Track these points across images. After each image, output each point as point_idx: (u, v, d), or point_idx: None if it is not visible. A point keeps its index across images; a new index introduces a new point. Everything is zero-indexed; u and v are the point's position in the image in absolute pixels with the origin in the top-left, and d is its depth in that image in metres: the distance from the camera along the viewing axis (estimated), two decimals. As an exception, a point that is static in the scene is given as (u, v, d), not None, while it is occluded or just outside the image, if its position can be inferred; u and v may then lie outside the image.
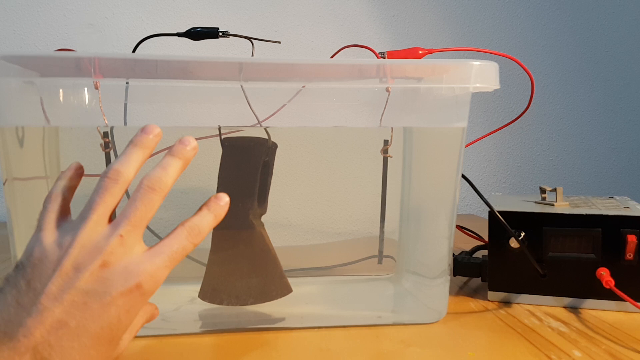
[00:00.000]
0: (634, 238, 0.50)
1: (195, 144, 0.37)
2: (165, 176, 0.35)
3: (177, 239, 0.35)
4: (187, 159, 0.37)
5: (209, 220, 0.37)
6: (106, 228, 0.33)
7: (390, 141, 0.54)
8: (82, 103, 0.44)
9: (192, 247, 0.35)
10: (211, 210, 0.37)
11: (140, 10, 1.00)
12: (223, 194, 0.38)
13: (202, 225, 0.36)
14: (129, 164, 0.35)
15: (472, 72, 0.44)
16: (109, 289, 0.32)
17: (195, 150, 0.37)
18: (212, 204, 0.38)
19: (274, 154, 0.51)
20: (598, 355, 0.42)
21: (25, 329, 0.29)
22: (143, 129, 0.36)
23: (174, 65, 0.40)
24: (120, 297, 0.32)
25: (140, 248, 0.34)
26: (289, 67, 0.42)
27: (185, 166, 0.37)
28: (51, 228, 0.34)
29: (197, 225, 0.36)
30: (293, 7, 1.06)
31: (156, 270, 0.33)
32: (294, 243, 0.57)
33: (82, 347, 0.31)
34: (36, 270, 0.32)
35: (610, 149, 1.21)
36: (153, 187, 0.34)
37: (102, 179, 0.34)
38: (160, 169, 0.35)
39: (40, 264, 0.32)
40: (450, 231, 0.50)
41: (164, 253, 0.34)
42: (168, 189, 0.35)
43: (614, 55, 1.19)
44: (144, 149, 0.36)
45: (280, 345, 0.44)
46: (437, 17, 1.11)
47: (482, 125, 1.14)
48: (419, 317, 0.50)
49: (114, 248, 0.32)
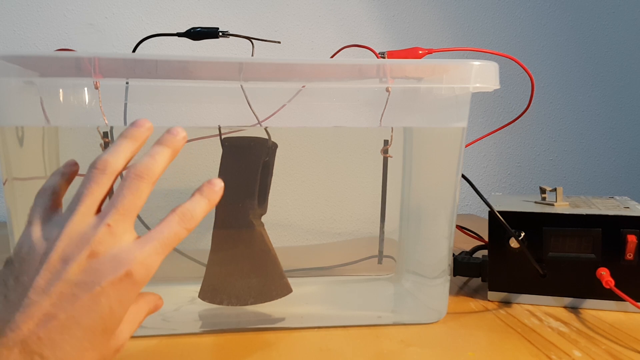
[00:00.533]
0: (634, 238, 0.50)
1: (184, 134, 0.36)
2: (153, 164, 0.34)
3: (169, 225, 0.34)
4: (177, 148, 0.36)
5: (203, 206, 0.36)
6: (94, 218, 0.33)
7: (390, 141, 0.54)
8: (82, 103, 0.44)
9: (184, 232, 0.34)
10: (204, 195, 0.36)
11: (140, 10, 1.00)
12: (217, 179, 0.37)
13: (195, 210, 0.35)
14: (118, 155, 0.34)
15: (472, 72, 0.44)
16: (98, 279, 0.31)
17: (185, 140, 0.36)
18: (206, 189, 0.36)
19: (274, 154, 0.51)
20: (598, 355, 0.42)
21: (13, 324, 0.29)
22: (134, 122, 0.36)
23: (174, 65, 0.40)
24: (111, 286, 0.31)
25: (130, 236, 0.33)
26: (289, 67, 0.42)
27: (174, 156, 0.36)
28: (40, 222, 0.33)
29: (189, 211, 0.35)
30: (293, 7, 1.06)
31: (147, 258, 0.32)
32: (294, 243, 0.57)
33: (73, 339, 0.30)
34: (24, 264, 0.31)
35: (610, 149, 1.21)
36: (141, 175, 0.34)
37: (90, 170, 0.33)
38: (149, 157, 0.35)
39: (28, 258, 0.31)
40: (450, 231, 0.50)
41: (155, 239, 0.33)
42: (156, 177, 0.34)
43: (614, 55, 1.19)
44: (133, 141, 0.35)
45: (280, 345, 0.44)
46: (437, 17, 1.11)
47: (482, 125, 1.14)
48: (419, 317, 0.50)
49: (102, 237, 0.32)
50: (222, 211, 0.49)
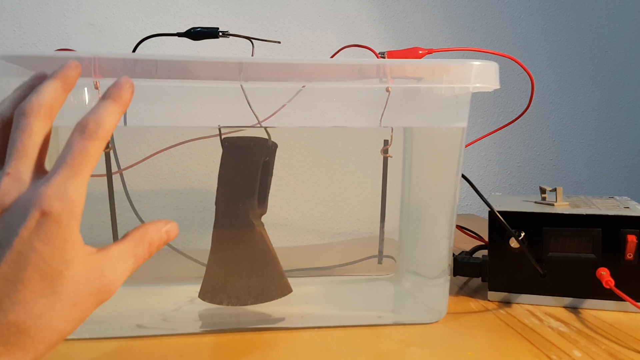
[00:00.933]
0: (634, 238, 0.50)
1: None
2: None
3: (71, 144, 0.30)
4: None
5: (108, 108, 0.31)
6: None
7: (390, 141, 0.54)
8: (82, 103, 0.44)
9: (94, 145, 0.30)
10: (109, 97, 0.32)
11: (140, 10, 1.00)
12: (124, 77, 0.33)
13: (99, 115, 0.31)
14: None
15: (472, 72, 0.44)
16: (13, 231, 0.28)
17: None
18: (111, 90, 0.32)
19: (274, 154, 0.51)
20: (598, 355, 0.42)
21: None
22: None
23: (174, 65, 0.40)
24: (30, 233, 0.28)
25: (36, 176, 0.30)
26: (289, 67, 0.42)
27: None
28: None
29: (91, 119, 0.30)
30: (293, 7, 1.06)
31: (58, 188, 0.28)
32: (294, 243, 0.57)
33: (23, 300, 0.27)
34: None
35: (610, 149, 1.21)
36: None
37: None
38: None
39: None
40: (450, 231, 0.50)
41: (61, 166, 0.29)
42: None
43: (614, 55, 1.19)
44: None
45: (280, 345, 0.44)
46: (437, 17, 1.11)
47: (482, 125, 1.14)
48: (419, 317, 0.50)
49: (5, 188, 0.29)
50: (222, 211, 0.49)
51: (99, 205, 0.50)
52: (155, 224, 0.34)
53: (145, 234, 0.33)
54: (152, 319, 0.49)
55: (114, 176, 0.50)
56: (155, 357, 0.42)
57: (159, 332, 0.46)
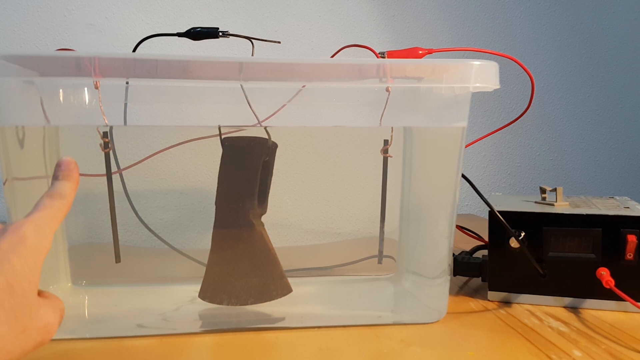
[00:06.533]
0: (634, 238, 0.50)
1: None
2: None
3: (42, 200, 0.35)
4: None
5: (65, 184, 0.37)
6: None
7: (390, 141, 0.54)
8: (82, 103, 0.44)
9: (61, 204, 0.36)
10: (63, 178, 0.37)
11: (140, 10, 1.00)
12: (65, 158, 0.39)
13: (63, 189, 0.37)
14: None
15: (472, 72, 0.44)
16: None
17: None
18: (59, 173, 0.38)
19: (274, 153, 0.51)
20: (598, 355, 0.42)
21: None
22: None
23: (174, 65, 0.40)
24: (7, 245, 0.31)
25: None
26: (289, 67, 0.42)
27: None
28: None
29: (56, 191, 0.36)
30: (293, 7, 1.06)
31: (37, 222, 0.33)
32: (294, 243, 0.57)
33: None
34: None
35: (610, 149, 1.21)
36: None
37: None
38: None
39: None
40: (450, 231, 0.50)
41: (40, 210, 0.34)
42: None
43: (614, 55, 1.19)
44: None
45: (280, 345, 0.44)
46: (437, 17, 1.11)
47: (482, 125, 1.14)
48: (419, 316, 0.50)
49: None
50: (222, 211, 0.49)
51: (99, 205, 0.50)
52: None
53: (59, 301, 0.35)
54: (152, 319, 0.49)
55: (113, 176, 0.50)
56: (155, 357, 0.42)
57: (159, 331, 0.46)
